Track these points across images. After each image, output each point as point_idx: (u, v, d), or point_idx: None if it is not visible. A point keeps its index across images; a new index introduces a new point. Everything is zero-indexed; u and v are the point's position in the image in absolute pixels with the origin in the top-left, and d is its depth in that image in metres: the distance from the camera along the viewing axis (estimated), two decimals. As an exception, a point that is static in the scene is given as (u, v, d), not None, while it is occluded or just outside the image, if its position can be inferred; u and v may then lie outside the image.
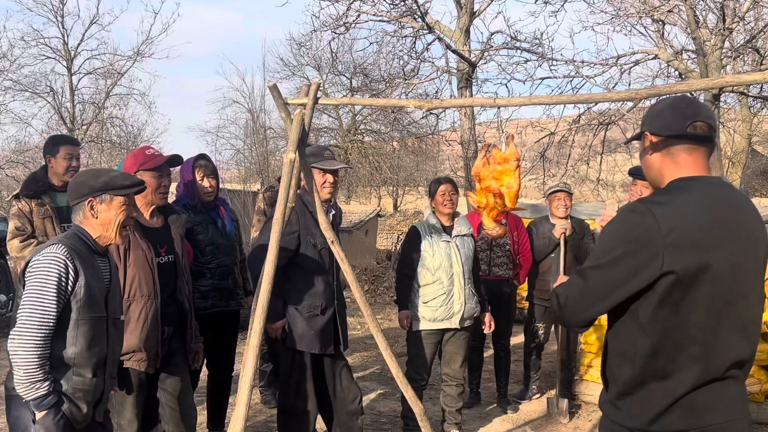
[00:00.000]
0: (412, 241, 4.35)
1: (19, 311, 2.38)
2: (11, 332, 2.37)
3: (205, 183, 4.01)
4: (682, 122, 1.89)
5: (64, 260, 2.41)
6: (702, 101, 11.39)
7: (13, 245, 4.16)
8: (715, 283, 1.77)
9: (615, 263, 1.80)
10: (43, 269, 2.40)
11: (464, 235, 4.37)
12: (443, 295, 4.21)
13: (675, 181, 1.90)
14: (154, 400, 3.32)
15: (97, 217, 2.57)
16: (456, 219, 4.41)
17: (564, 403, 4.98)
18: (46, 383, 2.37)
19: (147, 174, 3.27)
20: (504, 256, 5.14)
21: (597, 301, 1.85)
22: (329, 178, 3.65)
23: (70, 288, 2.43)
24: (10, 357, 2.37)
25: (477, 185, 2.30)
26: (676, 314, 1.78)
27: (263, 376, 5.27)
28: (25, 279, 2.43)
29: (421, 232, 4.33)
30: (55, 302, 2.38)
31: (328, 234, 2.87)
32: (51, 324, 2.38)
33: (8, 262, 8.23)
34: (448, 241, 4.28)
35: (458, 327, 4.27)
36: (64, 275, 2.40)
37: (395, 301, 4.50)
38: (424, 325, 4.26)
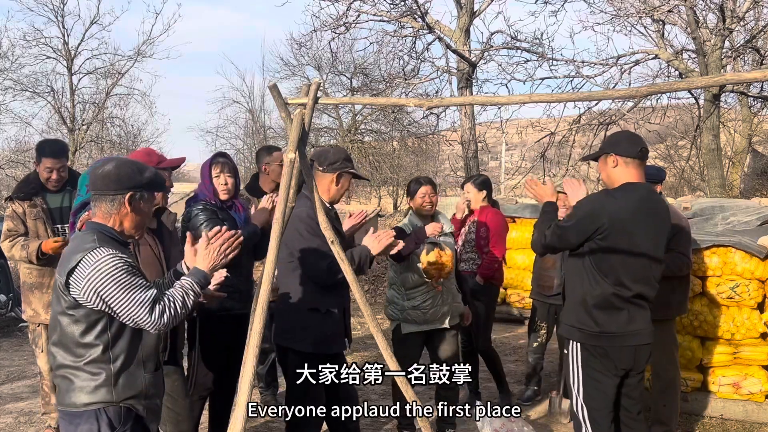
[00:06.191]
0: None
1: (118, 308, 2.31)
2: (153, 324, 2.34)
3: (221, 180, 3.83)
4: (635, 147, 3.11)
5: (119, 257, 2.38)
6: (703, 101, 11.40)
7: (4, 246, 4.26)
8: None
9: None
10: (106, 265, 2.32)
11: (446, 234, 4.36)
12: (433, 297, 4.20)
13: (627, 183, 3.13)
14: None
15: (131, 212, 2.46)
16: (438, 218, 4.39)
17: (565, 403, 4.97)
18: (188, 294, 2.44)
19: (164, 173, 3.31)
20: (472, 251, 5.10)
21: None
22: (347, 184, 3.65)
23: None
24: (154, 330, 2.37)
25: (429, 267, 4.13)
26: None
27: (261, 377, 5.23)
28: (86, 287, 2.31)
29: (407, 233, 4.23)
30: (139, 273, 2.38)
31: (328, 234, 2.86)
32: (144, 281, 2.38)
33: (8, 263, 8.23)
34: (435, 243, 4.21)
35: (448, 326, 4.27)
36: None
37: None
38: (412, 328, 4.23)
